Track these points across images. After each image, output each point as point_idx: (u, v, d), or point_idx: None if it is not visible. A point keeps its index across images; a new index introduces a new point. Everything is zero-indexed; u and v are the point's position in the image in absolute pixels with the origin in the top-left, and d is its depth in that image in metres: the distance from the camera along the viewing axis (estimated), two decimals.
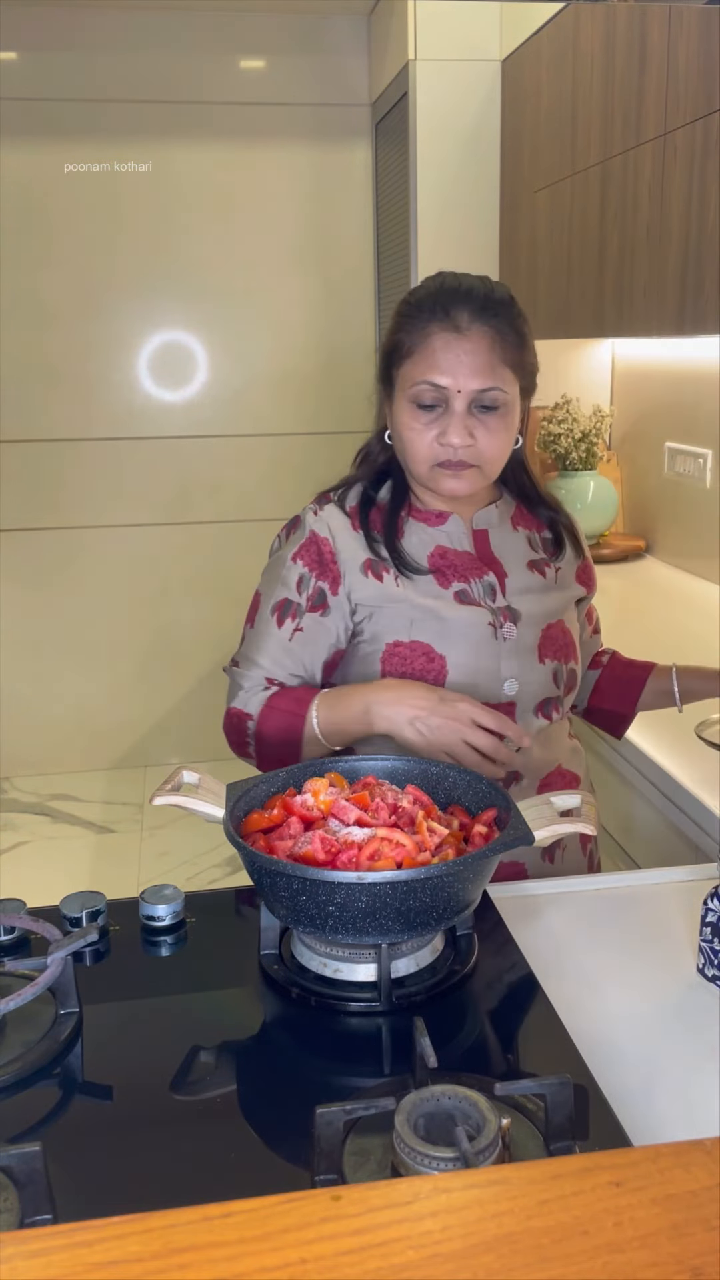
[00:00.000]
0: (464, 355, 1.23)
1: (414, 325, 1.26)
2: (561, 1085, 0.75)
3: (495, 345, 1.24)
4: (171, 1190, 0.75)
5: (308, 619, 1.32)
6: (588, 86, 2.33)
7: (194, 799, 1.01)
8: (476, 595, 1.33)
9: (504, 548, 1.37)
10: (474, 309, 1.24)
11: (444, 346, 1.23)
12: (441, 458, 1.27)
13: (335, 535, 1.33)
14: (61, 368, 3.49)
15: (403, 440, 1.29)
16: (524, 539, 1.39)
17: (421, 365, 1.25)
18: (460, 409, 1.24)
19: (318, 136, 3.44)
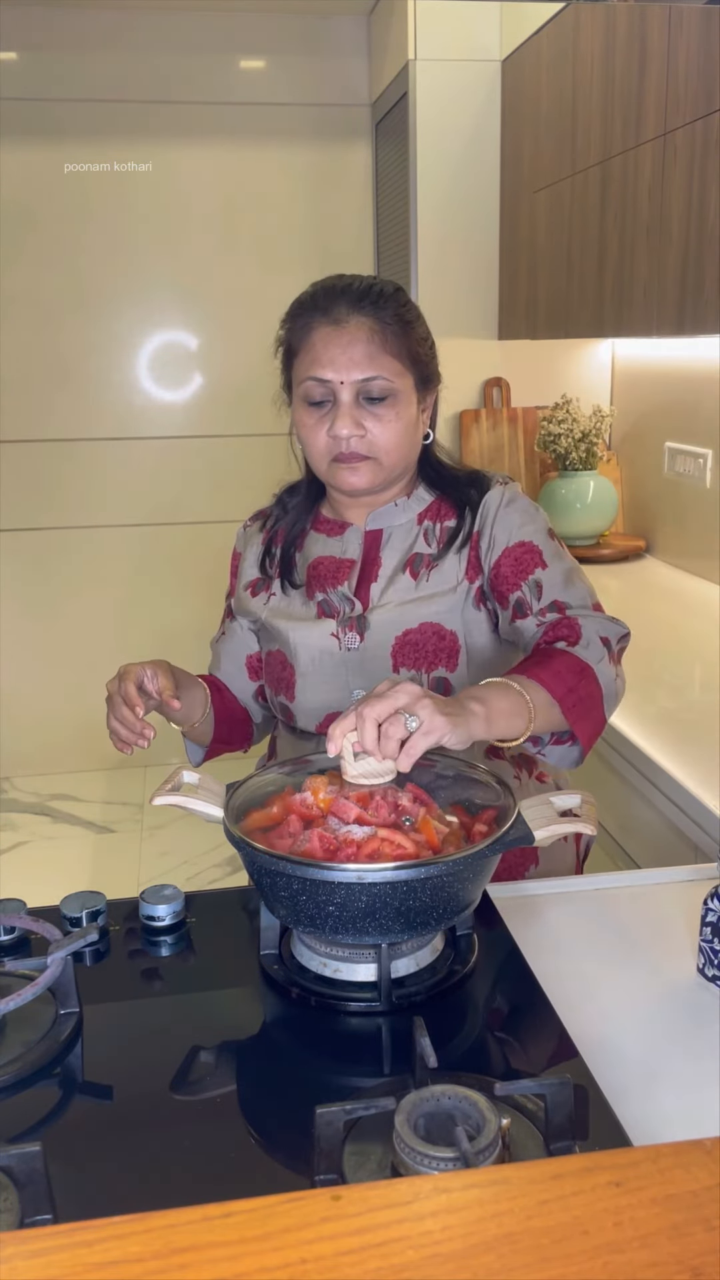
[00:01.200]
0: (343, 347, 1.24)
1: (298, 323, 1.29)
2: (561, 1085, 0.75)
3: (375, 335, 1.24)
4: (171, 1190, 0.75)
5: (228, 624, 1.49)
6: (588, 86, 2.33)
7: (194, 799, 1.01)
8: (335, 604, 1.34)
9: (392, 548, 1.34)
10: (351, 301, 1.25)
11: (323, 340, 1.25)
12: (335, 451, 1.27)
13: (246, 550, 1.46)
14: (62, 368, 3.49)
15: (302, 439, 1.32)
16: (419, 534, 1.33)
17: (306, 362, 1.27)
18: (347, 400, 1.25)
19: (318, 136, 3.44)
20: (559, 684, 1.13)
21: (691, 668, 2.00)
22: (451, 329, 3.07)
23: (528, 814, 1.00)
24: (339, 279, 1.30)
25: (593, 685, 1.17)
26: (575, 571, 1.33)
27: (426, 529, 1.34)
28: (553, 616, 1.26)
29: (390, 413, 1.26)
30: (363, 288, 1.27)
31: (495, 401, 3.12)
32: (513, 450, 3.12)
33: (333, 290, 1.27)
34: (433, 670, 1.29)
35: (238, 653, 1.45)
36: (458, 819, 1.03)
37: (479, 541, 1.31)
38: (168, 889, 1.10)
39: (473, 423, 3.09)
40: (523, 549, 1.30)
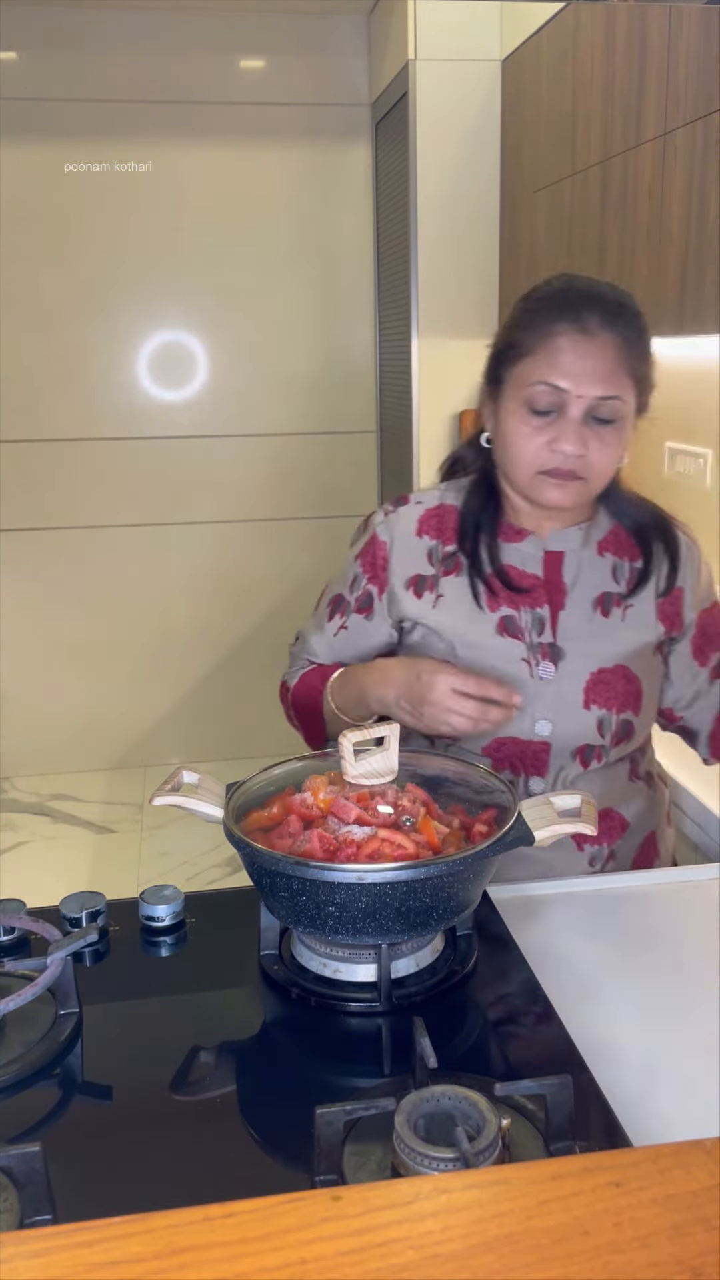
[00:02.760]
0: (589, 360, 1.16)
1: (537, 323, 1.19)
2: (561, 1085, 0.75)
3: (622, 353, 1.18)
4: (171, 1190, 0.75)
5: (353, 619, 1.35)
6: (588, 86, 2.33)
7: (194, 799, 1.01)
8: (521, 625, 1.27)
9: (576, 575, 1.29)
10: (605, 313, 1.18)
11: (570, 348, 1.16)
12: (549, 465, 1.20)
13: (395, 541, 1.32)
14: (61, 368, 3.49)
15: (508, 444, 1.22)
16: (606, 568, 1.30)
17: (542, 366, 1.18)
18: (576, 415, 1.18)
19: (318, 136, 3.44)
20: None
21: None
22: (451, 329, 3.07)
23: (528, 814, 1.00)
24: (584, 282, 1.23)
25: None
26: None
27: (614, 565, 1.30)
28: None
29: (614, 436, 1.21)
30: (615, 300, 1.20)
31: None
32: None
33: (585, 295, 1.19)
34: (622, 712, 1.27)
35: (365, 648, 1.34)
36: (458, 819, 1.03)
37: (683, 595, 1.32)
38: (168, 889, 1.10)
39: (473, 423, 3.09)
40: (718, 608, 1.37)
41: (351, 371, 3.62)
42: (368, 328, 3.60)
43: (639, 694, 1.28)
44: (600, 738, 1.27)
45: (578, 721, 1.26)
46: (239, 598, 3.69)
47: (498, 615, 1.27)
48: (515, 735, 1.26)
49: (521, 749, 1.27)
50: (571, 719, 1.26)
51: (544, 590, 1.28)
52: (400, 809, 1.01)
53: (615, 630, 1.28)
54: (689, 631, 1.33)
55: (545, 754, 1.27)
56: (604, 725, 1.26)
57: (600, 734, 1.26)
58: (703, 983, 1.00)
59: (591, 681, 1.26)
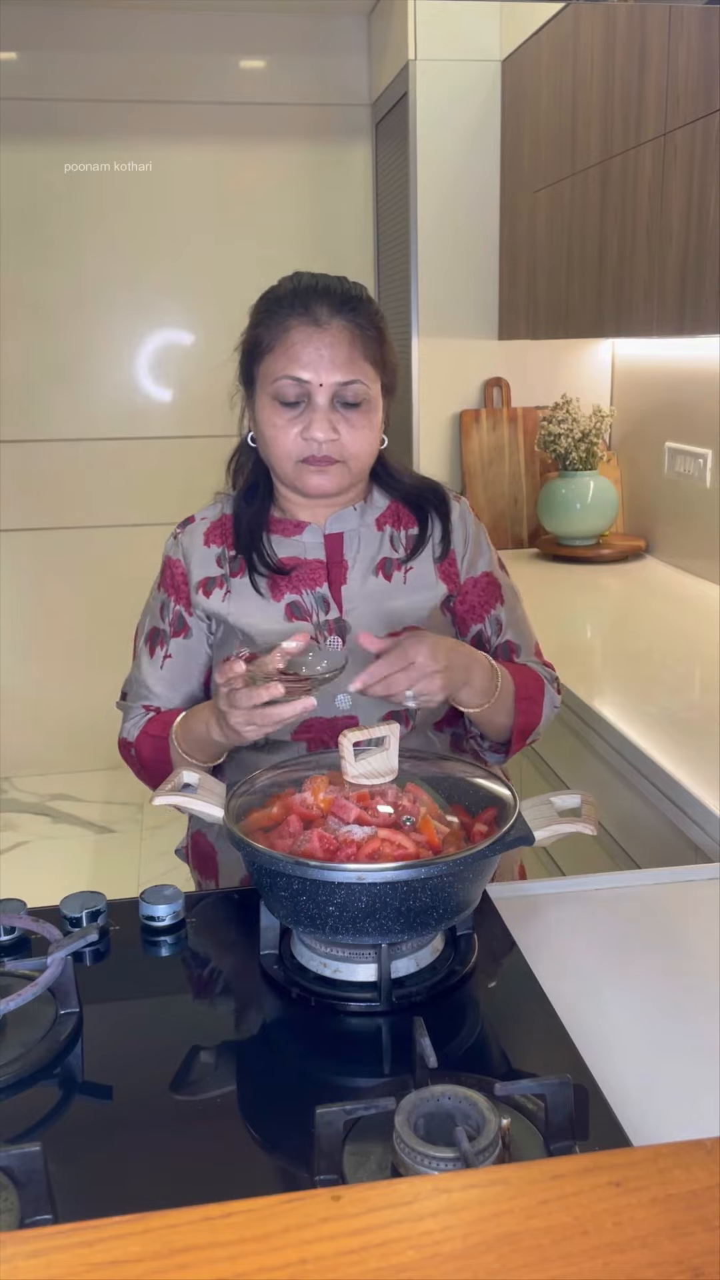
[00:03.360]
0: (324, 349, 1.22)
1: (273, 320, 1.25)
2: (561, 1085, 0.75)
3: (355, 339, 1.24)
4: (171, 1190, 0.75)
5: (173, 644, 1.37)
6: (588, 86, 2.33)
7: (194, 799, 1.01)
8: (307, 607, 1.31)
9: (354, 550, 1.34)
10: (332, 304, 1.24)
11: (304, 340, 1.22)
12: (306, 453, 1.25)
13: (188, 555, 1.37)
14: (61, 368, 3.49)
15: (266, 439, 1.27)
16: (384, 539, 1.35)
17: (282, 360, 1.23)
18: (323, 403, 1.23)
19: (318, 136, 3.44)
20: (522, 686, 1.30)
21: (691, 668, 2.00)
22: (451, 329, 3.07)
23: (528, 814, 1.00)
24: (312, 278, 1.28)
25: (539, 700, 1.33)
26: (525, 615, 1.44)
27: (391, 535, 1.35)
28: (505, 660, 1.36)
29: (363, 419, 1.26)
30: (344, 292, 1.26)
31: (495, 402, 3.12)
32: (513, 450, 3.12)
33: (313, 290, 1.25)
34: None
35: (194, 671, 1.37)
36: (458, 819, 1.03)
37: (456, 558, 1.37)
38: (168, 889, 1.10)
39: (473, 423, 3.09)
40: (487, 580, 1.39)
41: None
42: None
43: None
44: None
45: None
46: None
47: (283, 602, 1.31)
48: (319, 715, 1.28)
49: (329, 725, 1.29)
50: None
51: (323, 570, 1.32)
52: (400, 809, 1.02)
53: (398, 593, 1.32)
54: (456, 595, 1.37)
55: (354, 724, 1.29)
56: None
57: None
58: (703, 983, 1.00)
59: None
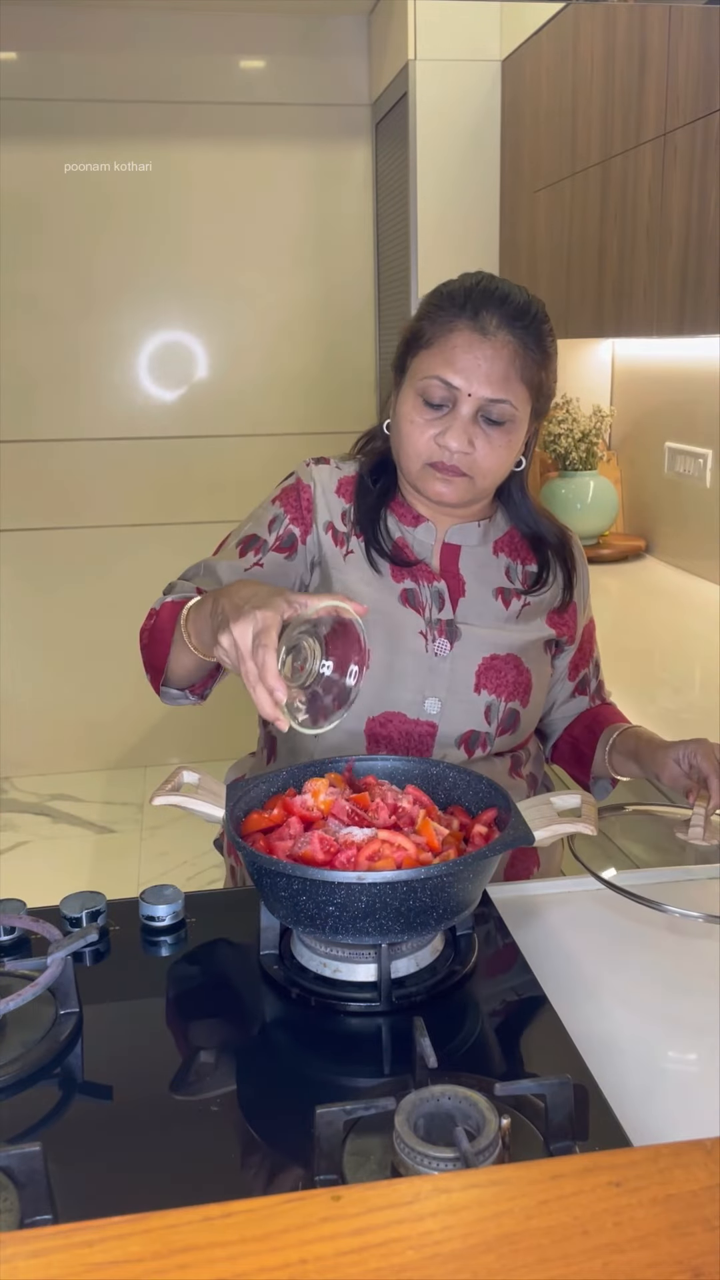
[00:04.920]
0: (483, 360, 1.17)
1: (440, 316, 1.20)
2: (561, 1085, 0.75)
3: (517, 357, 1.19)
4: (171, 1190, 0.75)
5: (271, 557, 1.29)
6: (588, 86, 2.33)
7: (194, 799, 1.01)
8: (422, 599, 1.27)
9: (472, 568, 1.31)
10: (505, 314, 1.18)
11: (465, 345, 1.18)
12: (435, 458, 1.21)
13: (318, 487, 1.32)
14: (61, 368, 3.49)
15: (401, 433, 1.23)
16: (501, 566, 1.33)
17: (438, 359, 1.19)
18: (466, 414, 1.19)
19: (318, 136, 3.44)
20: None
21: (691, 668, 2.00)
22: None
23: (528, 814, 1.00)
24: (492, 282, 1.22)
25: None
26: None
27: (508, 567, 1.32)
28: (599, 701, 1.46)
29: (504, 438, 1.21)
30: (519, 303, 1.20)
31: None
32: None
33: (488, 294, 1.19)
34: (510, 700, 1.29)
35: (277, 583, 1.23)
36: (457, 819, 1.03)
37: (576, 610, 1.38)
38: (168, 889, 1.10)
39: None
40: (590, 627, 1.45)
41: (351, 371, 3.61)
42: (368, 327, 3.60)
43: (529, 686, 1.29)
44: (487, 724, 1.27)
45: (466, 704, 1.26)
46: None
47: (401, 586, 1.28)
48: (402, 711, 1.24)
49: (408, 729, 1.25)
50: (460, 700, 1.26)
51: (427, 571, 1.30)
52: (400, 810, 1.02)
53: (512, 621, 1.30)
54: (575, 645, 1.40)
55: (431, 737, 1.26)
56: (491, 711, 1.27)
57: (487, 720, 1.27)
58: (703, 983, 1.00)
59: (484, 665, 1.26)
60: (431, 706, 1.25)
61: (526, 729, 1.33)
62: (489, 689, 1.27)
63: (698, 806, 1.09)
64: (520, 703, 1.29)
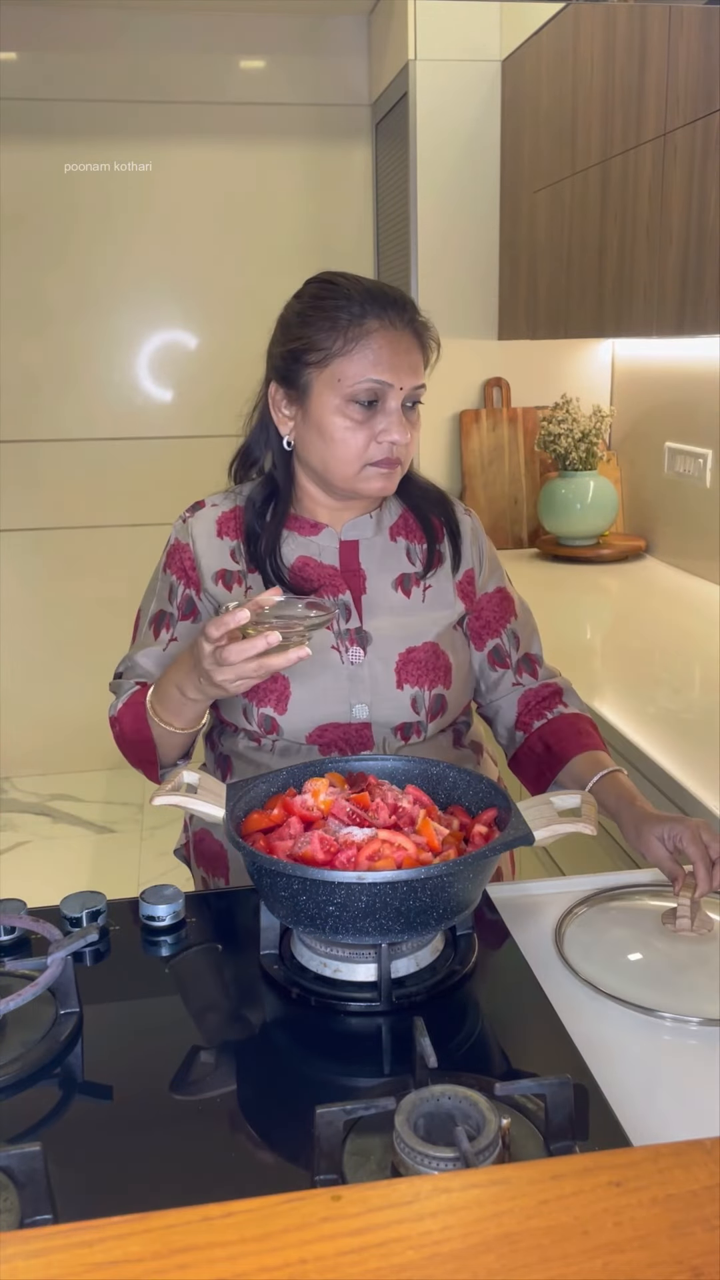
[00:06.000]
0: (402, 353, 1.24)
1: (344, 323, 1.23)
2: (561, 1085, 0.75)
3: (419, 344, 1.27)
4: (171, 1190, 0.75)
5: (181, 627, 1.35)
6: (588, 86, 2.33)
7: (194, 799, 1.01)
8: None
9: (373, 561, 1.34)
10: (401, 310, 1.25)
11: (384, 344, 1.23)
12: (376, 456, 1.25)
13: (196, 541, 1.36)
14: (61, 368, 3.49)
15: (333, 440, 1.25)
16: (400, 551, 1.35)
17: (363, 363, 1.22)
18: (397, 406, 1.24)
19: (318, 136, 3.44)
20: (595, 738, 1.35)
21: (691, 668, 2.00)
22: (451, 329, 3.07)
23: (528, 814, 1.00)
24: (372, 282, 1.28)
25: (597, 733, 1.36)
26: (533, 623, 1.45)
27: (406, 547, 1.36)
28: (528, 676, 1.40)
29: (418, 421, 1.28)
30: (403, 297, 1.28)
31: (495, 401, 3.12)
32: (513, 450, 3.12)
33: (380, 294, 1.26)
34: (433, 688, 1.31)
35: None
36: (457, 819, 1.03)
37: (474, 575, 1.38)
38: (168, 889, 1.10)
39: (473, 423, 3.09)
40: (501, 595, 1.41)
41: None
42: None
43: (448, 669, 1.33)
44: (416, 714, 1.31)
45: (393, 701, 1.30)
46: None
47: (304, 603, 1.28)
48: (335, 720, 1.29)
49: (344, 731, 1.30)
50: (386, 699, 1.30)
51: (342, 578, 1.32)
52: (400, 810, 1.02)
53: (418, 609, 1.33)
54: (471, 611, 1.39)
55: (367, 731, 1.30)
56: (418, 702, 1.31)
57: (415, 711, 1.31)
58: (703, 982, 1.00)
59: (401, 662, 1.30)
60: (360, 712, 1.29)
61: (457, 707, 1.36)
62: (410, 682, 1.30)
63: (682, 896, 1.08)
64: (444, 686, 1.33)
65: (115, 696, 1.33)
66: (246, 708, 1.30)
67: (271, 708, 1.29)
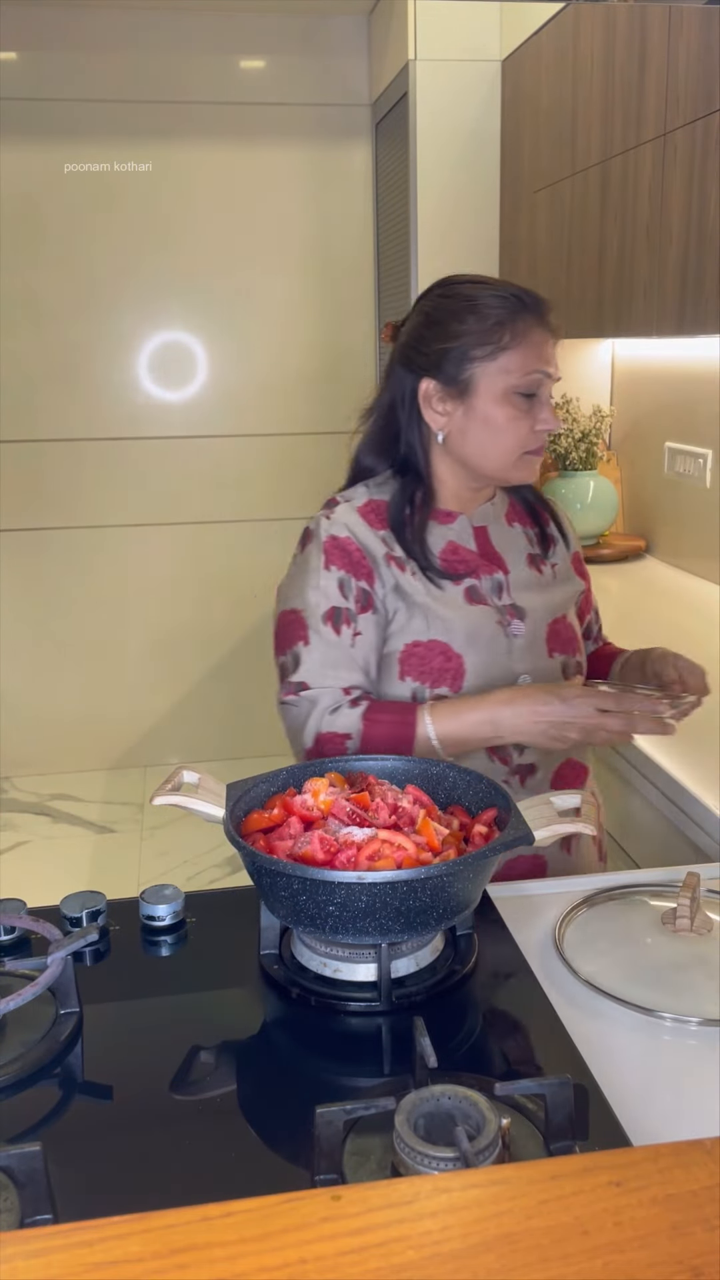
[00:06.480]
0: (551, 347, 1.34)
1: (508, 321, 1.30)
2: (561, 1085, 0.75)
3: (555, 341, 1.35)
4: (171, 1190, 0.75)
5: (362, 620, 1.32)
6: (588, 86, 2.33)
7: (194, 799, 1.01)
8: (484, 592, 1.36)
9: (503, 544, 1.41)
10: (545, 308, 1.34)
11: (543, 339, 1.32)
12: (534, 444, 1.33)
13: (354, 532, 1.35)
14: (61, 368, 3.49)
15: (499, 431, 1.31)
16: (519, 534, 1.43)
17: (528, 355, 1.30)
18: (549, 396, 1.33)
19: (318, 136, 3.44)
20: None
21: None
22: None
23: (528, 814, 1.00)
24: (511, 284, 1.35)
25: None
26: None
27: (524, 532, 1.44)
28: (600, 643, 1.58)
29: None
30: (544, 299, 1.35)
31: None
32: None
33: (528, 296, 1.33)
34: (575, 655, 1.42)
35: (376, 650, 1.33)
36: (457, 819, 1.03)
37: (580, 555, 1.52)
38: (168, 889, 1.10)
39: None
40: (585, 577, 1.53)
41: (351, 371, 3.61)
42: (368, 328, 3.60)
43: (577, 639, 1.44)
44: (566, 679, 1.41)
45: (548, 670, 1.38)
46: (239, 598, 3.69)
47: (461, 586, 1.36)
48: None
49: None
50: (544, 669, 1.38)
51: (477, 559, 1.38)
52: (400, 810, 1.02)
53: (552, 584, 1.43)
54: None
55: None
56: (566, 669, 1.41)
57: (565, 677, 1.41)
58: (703, 982, 1.00)
59: (550, 632, 1.39)
60: (524, 681, 1.35)
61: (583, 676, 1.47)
62: (559, 650, 1.40)
63: (682, 896, 1.08)
64: (580, 655, 1.44)
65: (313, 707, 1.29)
66: (417, 690, 1.33)
67: (447, 687, 1.33)
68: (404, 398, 1.36)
